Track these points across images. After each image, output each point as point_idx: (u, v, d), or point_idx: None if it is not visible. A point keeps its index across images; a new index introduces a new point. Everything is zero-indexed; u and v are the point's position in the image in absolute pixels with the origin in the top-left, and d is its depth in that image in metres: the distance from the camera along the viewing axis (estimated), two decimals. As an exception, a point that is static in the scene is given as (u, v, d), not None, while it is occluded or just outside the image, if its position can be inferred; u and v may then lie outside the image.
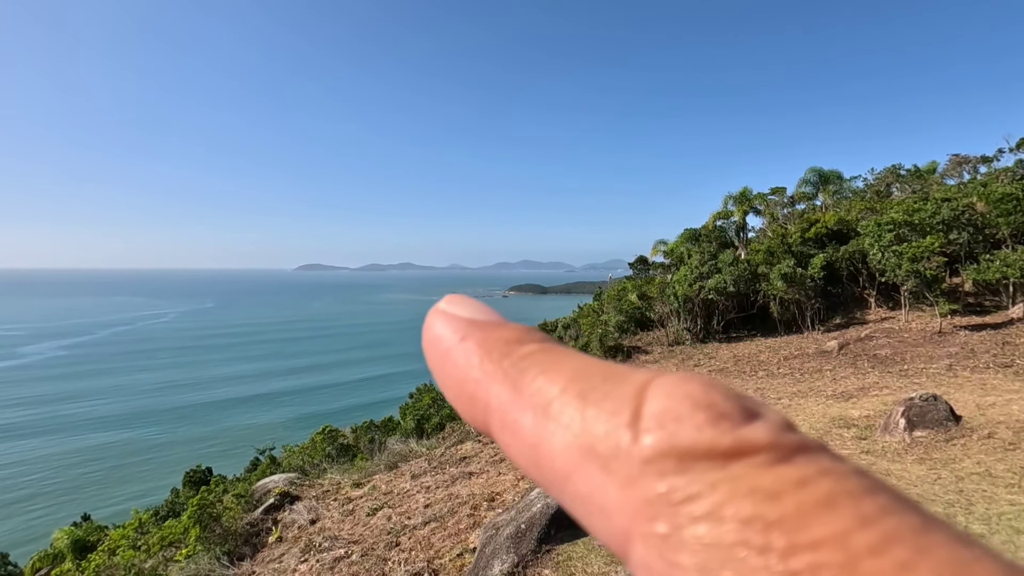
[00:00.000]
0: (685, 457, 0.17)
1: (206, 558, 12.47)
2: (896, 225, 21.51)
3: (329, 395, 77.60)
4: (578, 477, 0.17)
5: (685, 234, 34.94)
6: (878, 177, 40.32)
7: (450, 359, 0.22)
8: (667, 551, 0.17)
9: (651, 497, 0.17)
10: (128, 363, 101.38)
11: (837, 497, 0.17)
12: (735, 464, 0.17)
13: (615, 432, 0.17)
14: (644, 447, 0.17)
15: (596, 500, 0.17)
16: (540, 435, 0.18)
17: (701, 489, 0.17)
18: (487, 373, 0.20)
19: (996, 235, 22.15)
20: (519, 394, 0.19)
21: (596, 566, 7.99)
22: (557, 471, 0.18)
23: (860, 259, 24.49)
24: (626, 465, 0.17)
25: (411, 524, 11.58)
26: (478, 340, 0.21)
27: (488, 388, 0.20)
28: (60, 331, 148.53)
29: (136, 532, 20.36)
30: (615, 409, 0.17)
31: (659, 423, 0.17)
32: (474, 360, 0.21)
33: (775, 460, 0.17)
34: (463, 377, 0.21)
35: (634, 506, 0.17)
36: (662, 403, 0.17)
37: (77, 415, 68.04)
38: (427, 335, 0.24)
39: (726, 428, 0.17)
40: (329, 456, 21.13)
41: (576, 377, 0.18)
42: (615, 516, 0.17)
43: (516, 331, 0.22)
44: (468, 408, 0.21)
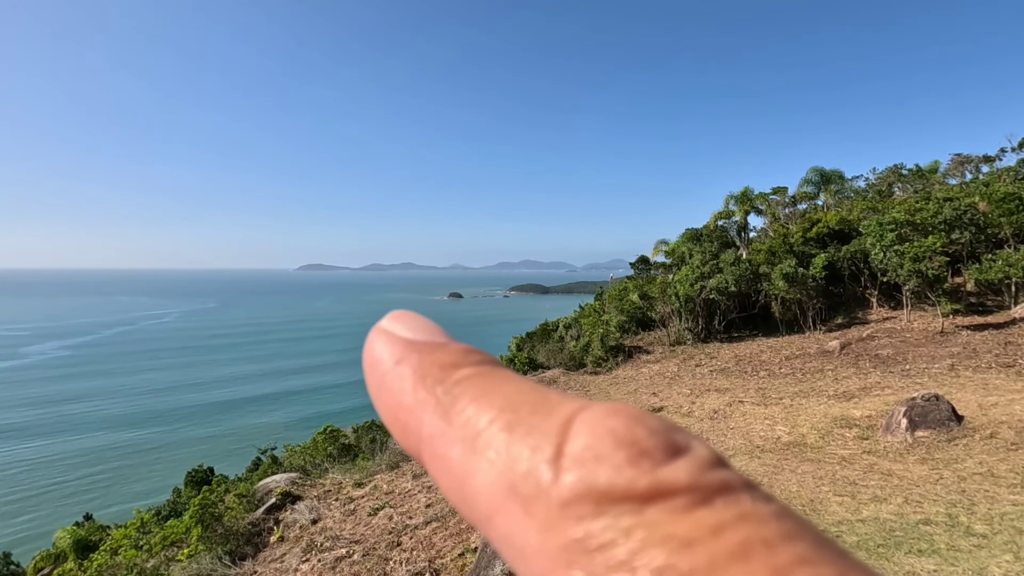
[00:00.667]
0: (602, 500, 0.17)
1: (208, 558, 12.49)
2: (898, 225, 21.47)
3: (332, 396, 77.58)
4: (500, 517, 0.17)
5: (687, 234, 34.92)
6: (880, 177, 40.23)
7: (385, 384, 0.21)
8: None
9: (567, 543, 0.17)
10: (131, 363, 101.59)
11: (752, 546, 0.17)
12: (651, 508, 0.17)
13: (537, 469, 0.17)
14: (563, 487, 0.17)
15: (516, 542, 0.17)
16: (467, 469, 0.17)
17: (616, 536, 0.17)
18: (419, 401, 0.19)
19: (998, 235, 22.08)
20: (449, 424, 0.18)
21: (597, 566, 8.00)
22: (481, 509, 0.17)
23: (862, 259, 24.43)
24: (545, 508, 0.17)
25: (413, 524, 11.59)
26: (413, 364, 0.20)
27: (420, 417, 0.19)
28: (63, 331, 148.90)
29: (138, 532, 20.41)
30: (538, 445, 0.17)
31: (579, 462, 0.17)
32: (407, 385, 0.20)
33: (693, 503, 0.17)
34: (396, 404, 0.20)
35: (552, 552, 0.17)
36: (585, 439, 0.17)
37: (80, 415, 68.19)
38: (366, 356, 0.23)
39: (646, 468, 0.17)
40: (331, 456, 21.15)
41: (506, 407, 0.18)
42: (533, 560, 0.17)
43: (453, 354, 0.21)
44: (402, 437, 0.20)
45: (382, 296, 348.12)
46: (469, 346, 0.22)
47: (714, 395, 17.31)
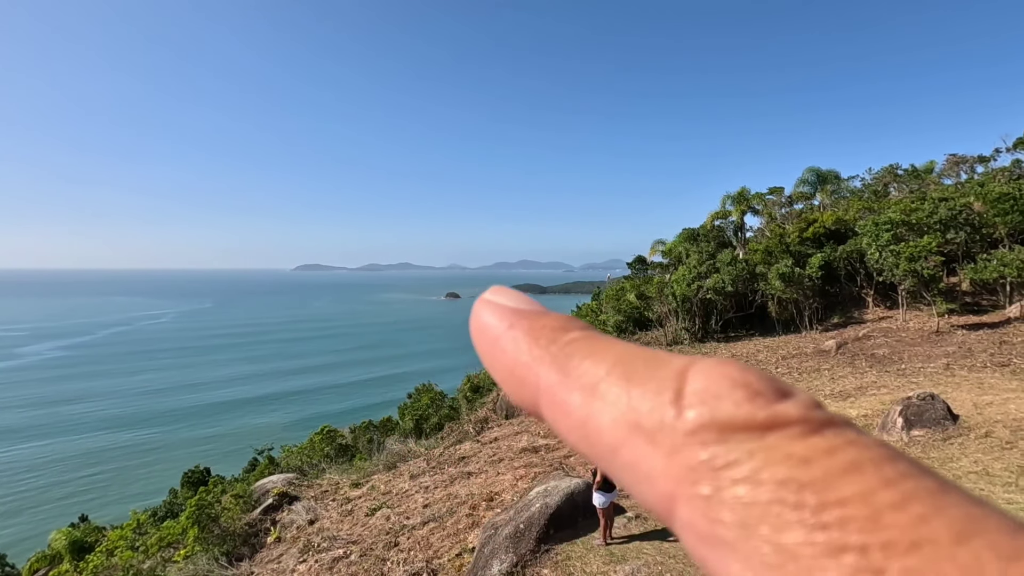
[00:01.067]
0: (725, 429, 0.19)
1: (204, 559, 12.46)
2: (894, 225, 21.55)
3: (330, 397, 77.35)
4: (626, 449, 0.19)
5: (683, 234, 34.96)
6: (876, 177, 40.37)
7: (499, 345, 0.24)
8: (709, 510, 0.19)
9: (694, 464, 0.19)
10: (127, 364, 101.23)
11: (862, 463, 0.19)
12: (770, 435, 0.19)
13: (659, 409, 0.19)
14: (687, 421, 0.19)
15: (643, 468, 0.19)
16: (588, 413, 0.19)
17: (740, 456, 0.19)
18: (535, 358, 0.22)
19: (993, 234, 22.17)
20: (567, 376, 0.20)
21: (595, 565, 8.01)
22: (605, 444, 0.19)
23: (858, 259, 24.50)
24: (670, 437, 0.19)
25: (410, 524, 11.58)
26: (525, 328, 0.23)
27: (537, 371, 0.21)
28: (59, 331, 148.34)
29: (134, 533, 20.33)
30: (658, 389, 0.19)
31: (700, 400, 0.19)
32: (522, 346, 0.22)
33: (806, 432, 0.19)
34: (512, 362, 0.23)
35: (678, 472, 0.19)
36: (702, 382, 0.19)
37: (76, 416, 67.94)
38: (475, 323, 0.26)
39: (761, 404, 0.19)
40: (328, 456, 21.13)
41: (619, 361, 0.20)
42: (660, 481, 0.19)
43: (560, 319, 0.24)
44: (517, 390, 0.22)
45: (379, 296, 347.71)
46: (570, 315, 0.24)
47: (711, 395, 17.33)
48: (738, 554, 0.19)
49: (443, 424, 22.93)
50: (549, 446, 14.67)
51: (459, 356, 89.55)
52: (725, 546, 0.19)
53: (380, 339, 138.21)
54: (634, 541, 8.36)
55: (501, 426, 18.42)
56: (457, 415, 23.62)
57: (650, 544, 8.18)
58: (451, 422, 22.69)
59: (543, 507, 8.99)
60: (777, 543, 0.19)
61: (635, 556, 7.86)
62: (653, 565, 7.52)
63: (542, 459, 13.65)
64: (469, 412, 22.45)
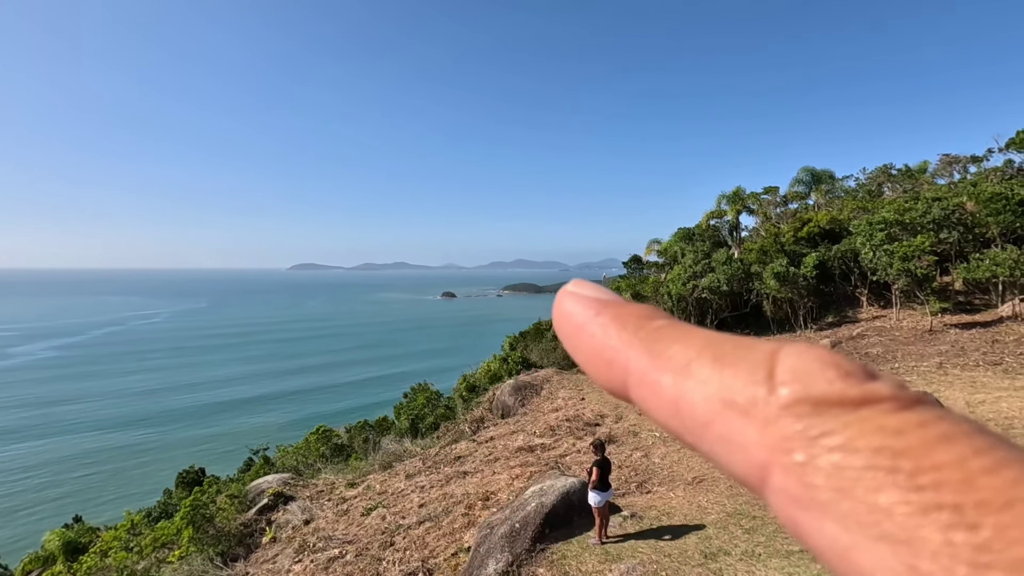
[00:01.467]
0: (818, 404, 0.21)
1: (199, 559, 12.41)
2: (887, 224, 21.66)
3: (326, 397, 76.95)
4: (718, 423, 0.21)
5: (679, 233, 35.03)
6: (870, 177, 40.56)
7: (586, 331, 0.25)
8: (804, 475, 0.21)
9: (789, 434, 0.21)
10: (121, 364, 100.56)
11: (953, 434, 0.21)
12: (863, 410, 0.21)
13: (752, 387, 0.21)
14: (780, 396, 0.21)
15: (736, 440, 0.21)
16: (680, 392, 0.21)
17: (835, 427, 0.21)
18: (624, 343, 0.23)
19: (986, 234, 22.31)
20: (657, 359, 0.21)
21: (590, 564, 8.02)
22: (698, 419, 0.20)
23: (852, 258, 24.62)
24: (764, 411, 0.21)
25: (406, 524, 11.56)
26: (611, 315, 0.25)
27: (626, 355, 0.22)
28: (52, 331, 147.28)
29: (128, 533, 20.23)
30: (750, 369, 0.21)
31: (793, 378, 0.21)
32: (611, 332, 0.24)
33: (898, 408, 0.21)
34: (600, 346, 0.24)
35: (773, 441, 0.21)
36: (793, 363, 0.21)
37: (69, 417, 67.45)
38: (559, 311, 0.28)
39: (853, 382, 0.21)
40: (323, 456, 21.07)
41: (708, 345, 0.21)
42: (754, 451, 0.21)
43: (645, 308, 0.26)
44: (605, 372, 0.23)
45: (375, 296, 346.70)
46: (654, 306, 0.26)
47: (706, 394, 17.38)
48: (832, 514, 0.20)
49: (439, 424, 22.91)
50: (545, 445, 14.69)
51: (455, 356, 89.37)
52: (819, 508, 0.20)
53: (376, 339, 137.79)
54: (629, 540, 8.38)
55: (497, 425, 18.42)
56: (453, 415, 23.61)
57: (645, 543, 8.21)
58: (447, 421, 22.67)
59: (539, 506, 9.00)
60: (872, 503, 0.20)
61: (630, 555, 7.88)
62: (648, 564, 7.54)
63: (538, 458, 13.66)
64: (465, 411, 22.44)
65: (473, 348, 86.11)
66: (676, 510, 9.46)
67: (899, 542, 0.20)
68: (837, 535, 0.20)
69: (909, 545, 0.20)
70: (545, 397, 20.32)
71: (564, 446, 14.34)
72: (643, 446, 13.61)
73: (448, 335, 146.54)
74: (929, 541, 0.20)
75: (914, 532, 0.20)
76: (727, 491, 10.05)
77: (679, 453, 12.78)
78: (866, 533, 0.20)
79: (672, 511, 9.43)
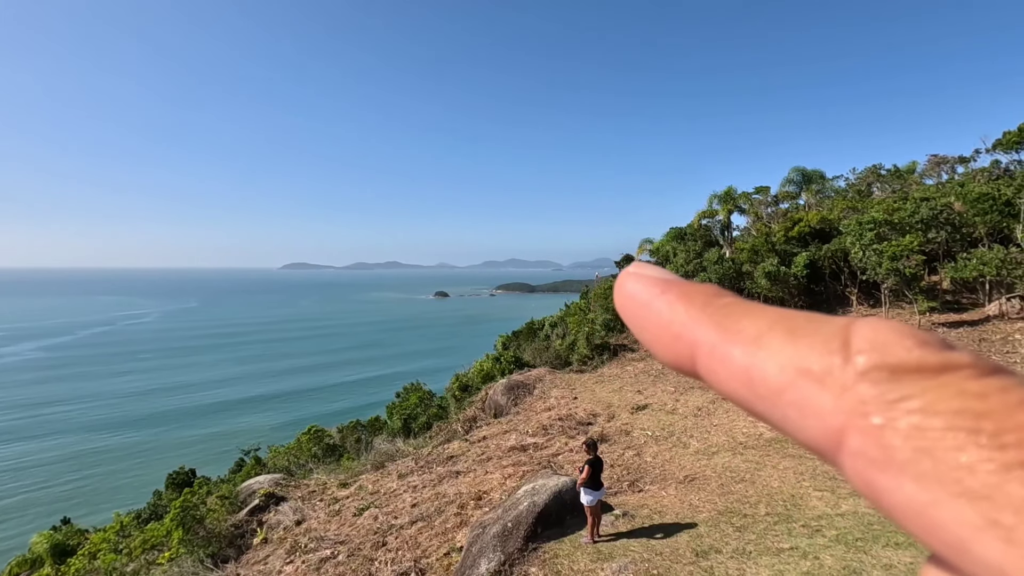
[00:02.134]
0: (896, 371, 0.21)
1: (189, 561, 12.32)
2: (877, 224, 21.85)
3: (318, 399, 76.43)
4: (791, 390, 0.21)
5: (671, 233, 35.18)
6: (859, 177, 40.92)
7: (652, 308, 0.25)
8: (882, 437, 0.21)
9: (865, 399, 0.21)
10: (110, 365, 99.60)
11: None
12: (943, 376, 0.21)
13: (827, 357, 0.21)
14: (857, 364, 0.21)
15: (811, 406, 0.21)
16: (751, 362, 0.21)
17: (914, 391, 0.21)
18: (692, 318, 0.23)
19: (973, 234, 22.56)
20: (726, 332, 0.21)
21: (582, 563, 8.04)
22: (771, 387, 0.21)
23: (842, 257, 24.82)
24: (840, 378, 0.21)
25: (398, 524, 11.54)
26: (678, 293, 0.25)
27: (693, 329, 0.22)
28: (39, 332, 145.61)
29: (117, 535, 20.06)
30: (825, 340, 0.21)
31: (870, 347, 0.21)
32: (678, 308, 0.24)
33: (978, 374, 0.21)
34: (667, 321, 0.24)
35: (850, 406, 0.21)
36: (869, 334, 0.21)
37: (57, 419, 66.73)
38: (622, 292, 0.28)
39: (932, 351, 0.21)
40: (315, 456, 20.98)
41: (779, 319, 0.21)
42: (830, 416, 0.21)
43: (712, 287, 0.26)
44: (671, 346, 0.23)
45: (367, 295, 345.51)
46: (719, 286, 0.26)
47: (698, 392, 17.48)
48: (911, 473, 0.20)
49: (431, 423, 22.88)
50: (537, 444, 14.70)
51: (448, 356, 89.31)
52: (897, 468, 0.21)
53: (369, 339, 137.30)
54: (621, 539, 8.41)
55: (490, 425, 18.41)
56: (445, 414, 23.58)
57: (637, 541, 8.24)
58: (439, 421, 22.64)
59: (531, 505, 9.01)
60: (954, 462, 0.20)
61: (622, 553, 7.90)
62: (640, 562, 7.57)
63: (530, 458, 13.68)
64: (457, 411, 22.42)
65: (466, 348, 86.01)
66: (668, 509, 9.50)
67: (980, 498, 0.20)
68: (915, 493, 0.20)
69: (991, 500, 0.20)
70: (538, 396, 20.34)
71: (556, 445, 14.37)
72: (635, 445, 13.66)
73: (441, 335, 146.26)
74: (1013, 496, 0.20)
75: (997, 488, 0.20)
76: (718, 490, 10.11)
77: (671, 452, 12.84)
78: (946, 490, 0.20)
79: (664, 510, 9.47)
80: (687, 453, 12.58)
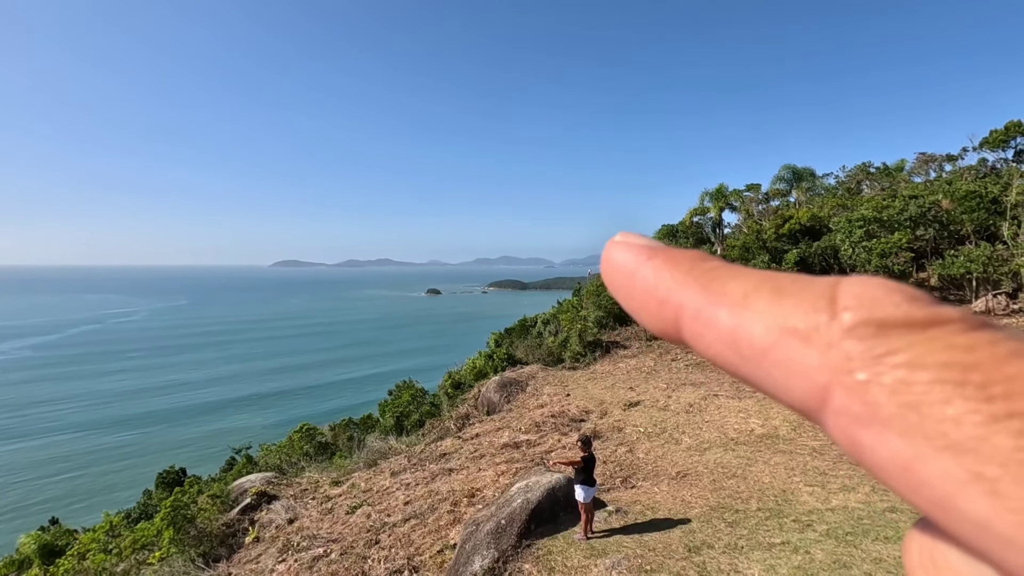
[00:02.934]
0: (883, 326, 0.20)
1: (180, 560, 12.23)
2: (866, 221, 22.06)
3: (309, 398, 75.83)
4: (776, 350, 0.20)
5: (662, 230, 35.34)
6: (849, 175, 41.29)
7: (639, 275, 0.25)
8: (867, 393, 0.20)
9: (851, 355, 0.20)
10: (99, 364, 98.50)
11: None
12: (931, 330, 0.20)
13: (813, 315, 0.20)
14: (844, 321, 0.20)
15: (796, 364, 0.20)
16: (737, 323, 0.20)
17: (901, 345, 0.20)
18: (677, 282, 0.23)
19: (960, 231, 22.83)
20: (711, 295, 0.21)
21: (576, 559, 8.07)
22: (755, 347, 0.20)
23: (832, 254, 25.03)
24: (826, 335, 0.20)
25: (391, 521, 11.52)
26: (664, 258, 0.25)
27: (679, 293, 0.22)
28: (25, 330, 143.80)
29: (107, 535, 19.86)
30: (812, 299, 0.20)
31: (857, 303, 0.20)
32: (664, 275, 0.24)
33: (967, 328, 0.20)
34: (653, 287, 0.24)
35: (835, 363, 0.20)
36: (856, 290, 0.20)
37: (45, 419, 65.98)
38: (608, 261, 0.28)
39: (920, 306, 0.20)
40: (307, 454, 20.89)
41: (765, 280, 0.21)
42: (815, 373, 0.20)
43: (697, 252, 0.25)
44: (656, 311, 0.24)
45: (359, 292, 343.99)
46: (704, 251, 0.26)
47: (690, 389, 17.57)
48: (896, 429, 0.20)
49: (424, 421, 22.85)
50: (530, 442, 14.72)
51: (441, 354, 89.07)
52: (882, 423, 0.20)
53: (361, 337, 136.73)
54: (615, 535, 8.44)
55: (483, 422, 18.41)
56: (438, 412, 23.55)
57: (630, 537, 8.28)
58: (432, 419, 22.61)
59: (524, 502, 9.02)
60: (940, 415, 0.20)
61: (615, 549, 7.93)
62: (633, 558, 7.61)
63: (523, 455, 13.69)
64: (450, 409, 22.39)
65: (459, 345, 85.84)
66: (660, 505, 9.55)
67: (966, 451, 0.20)
68: (900, 449, 0.20)
69: (976, 453, 0.20)
70: (530, 393, 20.36)
71: (549, 442, 14.39)
72: (628, 442, 13.72)
73: (433, 332, 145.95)
74: (999, 448, 0.20)
75: (982, 440, 0.20)
76: (710, 485, 10.18)
77: (663, 448, 12.91)
78: (931, 444, 0.20)
79: (656, 506, 9.52)
80: (679, 449, 12.65)
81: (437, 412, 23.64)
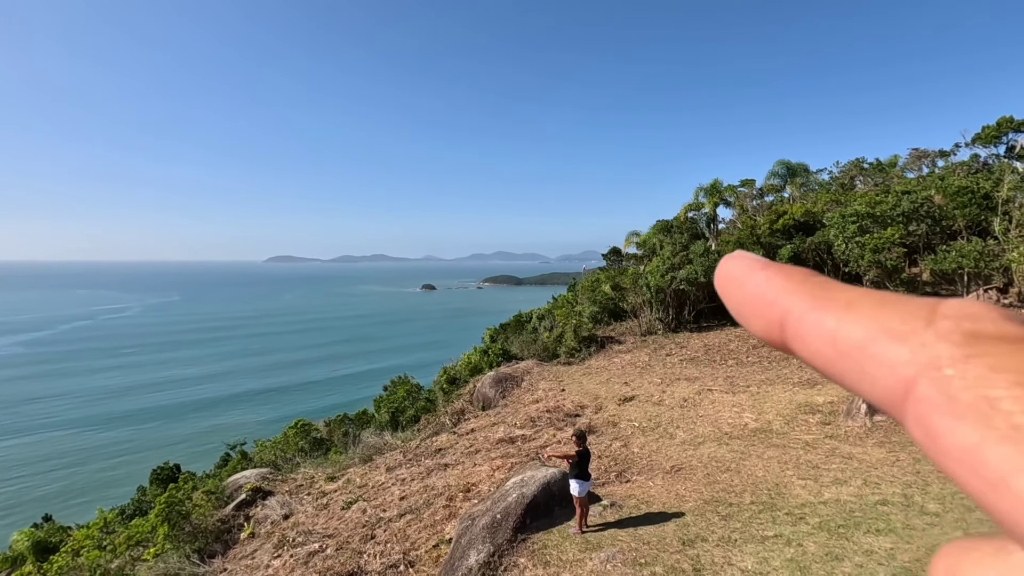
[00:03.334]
0: (977, 335, 0.22)
1: (175, 556, 12.21)
2: (859, 217, 22.18)
3: (305, 394, 75.48)
4: (872, 345, 0.22)
5: (657, 225, 35.37)
6: (843, 170, 41.41)
7: (750, 282, 0.27)
8: (950, 386, 0.22)
9: (941, 355, 0.22)
10: (91, 360, 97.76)
11: None
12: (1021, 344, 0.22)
13: (912, 320, 0.22)
14: (940, 328, 0.22)
15: (888, 357, 0.22)
16: (839, 327, 0.22)
17: (989, 351, 0.22)
18: (786, 290, 0.24)
19: (953, 226, 22.97)
20: (818, 300, 0.23)
21: (571, 553, 8.11)
22: (853, 343, 0.22)
23: (825, 250, 25.15)
24: (920, 337, 0.22)
25: (386, 516, 11.54)
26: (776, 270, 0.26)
27: (787, 298, 0.24)
28: (16, 326, 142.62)
29: (101, 532, 19.80)
30: (913, 308, 0.22)
31: (956, 315, 0.22)
32: (776, 283, 0.25)
33: None
34: (763, 292, 0.25)
35: (925, 359, 0.22)
36: (956, 306, 0.22)
37: (37, 416, 65.54)
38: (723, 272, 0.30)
39: (1015, 325, 0.22)
40: (302, 450, 20.86)
41: (870, 293, 0.22)
42: (903, 367, 0.22)
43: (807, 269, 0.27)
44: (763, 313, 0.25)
45: (354, 288, 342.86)
46: None
47: (684, 383, 17.65)
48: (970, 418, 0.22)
49: (419, 416, 22.86)
50: (525, 436, 14.76)
51: (436, 349, 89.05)
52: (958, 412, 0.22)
53: (355, 333, 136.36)
54: (609, 529, 8.49)
55: (478, 417, 18.44)
56: (433, 407, 23.56)
57: (625, 531, 8.33)
58: (427, 414, 22.63)
59: (520, 497, 9.06)
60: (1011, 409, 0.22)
61: (610, 543, 7.98)
62: (628, 552, 7.66)
63: (518, 449, 13.73)
64: (445, 404, 22.41)
65: (454, 341, 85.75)
66: (655, 498, 9.61)
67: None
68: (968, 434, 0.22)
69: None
70: (525, 389, 20.40)
71: (544, 437, 14.44)
72: (622, 436, 13.78)
73: (428, 328, 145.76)
74: None
75: None
76: (704, 479, 10.25)
77: (658, 443, 12.97)
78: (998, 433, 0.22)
79: (651, 499, 9.58)
80: (673, 444, 12.71)
81: (432, 407, 23.64)
